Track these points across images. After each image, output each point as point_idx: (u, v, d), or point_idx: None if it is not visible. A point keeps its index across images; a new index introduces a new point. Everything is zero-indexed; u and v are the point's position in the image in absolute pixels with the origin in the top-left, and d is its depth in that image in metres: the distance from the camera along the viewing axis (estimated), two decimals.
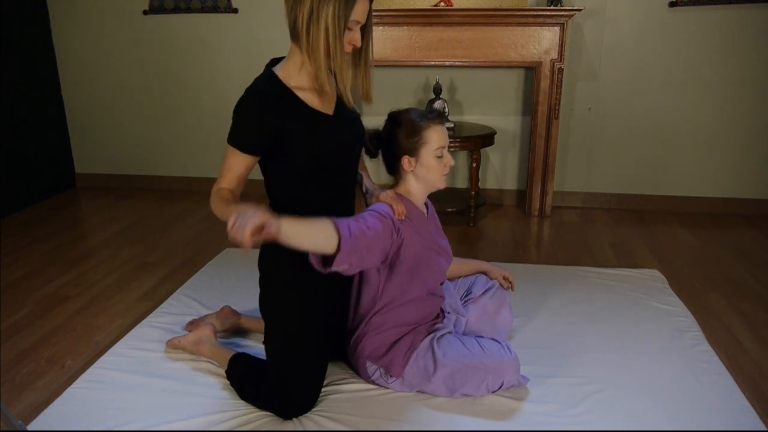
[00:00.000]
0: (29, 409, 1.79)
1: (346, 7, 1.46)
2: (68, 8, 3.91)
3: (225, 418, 1.70)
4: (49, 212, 3.70)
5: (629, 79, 3.52)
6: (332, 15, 1.45)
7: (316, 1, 1.44)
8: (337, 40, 1.48)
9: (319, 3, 1.44)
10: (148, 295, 2.55)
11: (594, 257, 2.96)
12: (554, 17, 3.25)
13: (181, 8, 3.77)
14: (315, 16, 1.46)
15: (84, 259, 2.95)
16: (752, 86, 3.42)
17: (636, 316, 2.30)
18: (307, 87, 1.62)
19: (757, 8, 3.28)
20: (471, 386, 1.72)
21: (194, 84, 3.93)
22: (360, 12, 1.49)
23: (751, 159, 3.54)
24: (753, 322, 2.31)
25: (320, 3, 1.44)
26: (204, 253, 2.97)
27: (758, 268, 2.82)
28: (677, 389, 1.83)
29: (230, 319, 2.14)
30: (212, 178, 1.62)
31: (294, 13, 1.49)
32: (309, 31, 1.48)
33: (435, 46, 3.40)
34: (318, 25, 1.46)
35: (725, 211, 3.63)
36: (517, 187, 3.83)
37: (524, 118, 3.68)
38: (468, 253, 2.98)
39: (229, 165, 1.60)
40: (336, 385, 1.83)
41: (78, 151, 4.23)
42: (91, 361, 2.02)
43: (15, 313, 2.40)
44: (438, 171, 1.71)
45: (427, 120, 1.69)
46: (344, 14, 1.46)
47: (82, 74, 4.04)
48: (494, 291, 2.00)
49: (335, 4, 1.44)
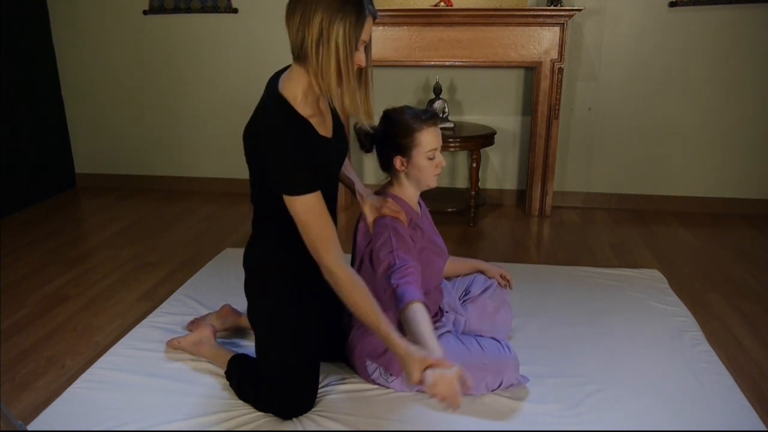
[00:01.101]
0: (29, 409, 1.79)
1: (357, 27, 1.38)
2: (68, 8, 3.91)
3: (225, 418, 1.70)
4: (49, 212, 3.70)
5: (629, 79, 3.52)
6: (343, 35, 1.37)
7: (326, 21, 1.36)
8: (349, 62, 1.40)
9: (330, 23, 1.36)
10: (148, 295, 2.55)
11: (594, 257, 2.96)
12: (554, 17, 3.25)
13: (181, 8, 3.77)
14: (325, 37, 1.38)
15: (84, 259, 2.95)
16: (752, 86, 3.42)
17: (636, 316, 2.30)
18: (313, 113, 1.55)
19: (757, 8, 3.28)
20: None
21: (194, 84, 3.93)
22: (368, 31, 1.43)
23: (751, 159, 3.54)
24: (753, 322, 2.31)
25: (330, 23, 1.36)
26: (204, 253, 2.97)
27: (758, 268, 2.82)
28: (677, 389, 1.83)
29: (230, 318, 2.15)
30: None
31: (301, 34, 1.40)
32: (318, 53, 1.39)
33: (435, 46, 3.40)
34: (328, 46, 1.38)
35: (725, 211, 3.63)
36: (517, 187, 3.83)
37: (524, 118, 3.68)
38: (468, 253, 2.98)
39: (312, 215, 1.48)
40: (336, 385, 1.83)
41: (78, 151, 4.23)
42: (91, 361, 2.02)
43: (15, 313, 2.40)
44: (429, 172, 1.73)
45: (420, 122, 1.70)
46: (355, 35, 1.39)
47: (82, 74, 4.04)
48: (493, 290, 2.00)
49: (346, 24, 1.37)
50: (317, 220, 1.49)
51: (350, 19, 1.37)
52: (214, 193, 3.99)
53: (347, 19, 1.37)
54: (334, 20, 1.37)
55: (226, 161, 3.98)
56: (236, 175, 3.96)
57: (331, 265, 1.48)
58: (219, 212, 3.66)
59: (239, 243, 3.08)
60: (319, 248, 1.49)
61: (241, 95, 3.84)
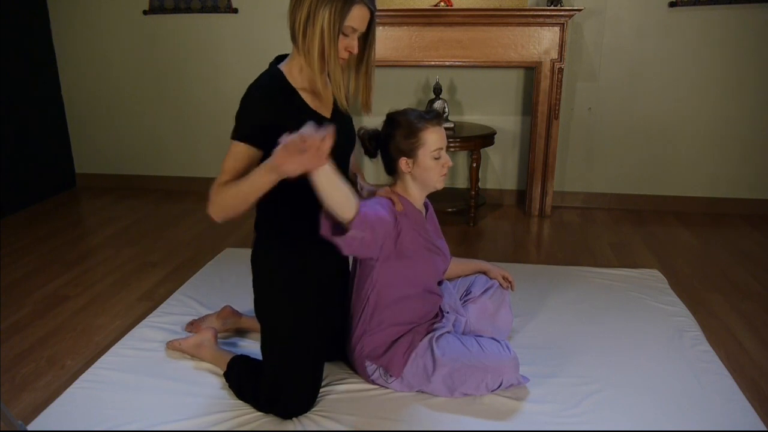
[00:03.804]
0: (29, 409, 1.79)
1: (342, 12, 1.49)
2: (68, 8, 3.91)
3: (225, 418, 1.70)
4: (49, 212, 3.71)
5: (629, 79, 3.52)
6: (327, 19, 1.48)
7: (314, 4, 1.48)
8: (332, 44, 1.51)
9: (316, 6, 1.48)
10: (148, 295, 2.55)
11: (594, 257, 2.96)
12: (554, 17, 3.26)
13: (181, 8, 3.77)
14: (311, 20, 1.49)
15: (84, 259, 2.95)
16: (752, 86, 3.42)
17: (636, 316, 2.29)
18: (307, 88, 1.64)
19: (757, 8, 3.29)
20: (470, 385, 1.72)
21: (194, 84, 3.93)
22: (356, 19, 1.52)
23: (751, 159, 3.54)
24: (753, 322, 2.31)
25: (317, 7, 1.48)
26: (204, 253, 2.97)
27: (758, 268, 2.82)
28: (677, 389, 1.83)
29: (231, 318, 2.15)
30: (212, 178, 1.58)
31: (294, 15, 1.53)
32: (305, 34, 1.52)
33: (435, 46, 3.41)
34: (313, 29, 1.50)
35: (725, 211, 3.63)
36: (517, 187, 3.83)
37: (524, 118, 3.68)
38: (468, 253, 2.98)
39: (230, 159, 1.57)
40: (336, 385, 1.83)
41: (78, 151, 4.24)
42: (91, 361, 2.01)
43: (15, 313, 2.40)
44: (436, 172, 1.72)
45: (424, 121, 1.70)
46: (339, 19, 1.49)
47: (82, 74, 4.04)
48: (494, 291, 2.00)
49: (331, 8, 1.47)
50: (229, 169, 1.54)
51: (337, 4, 1.48)
52: None
53: (334, 3, 1.47)
54: (322, 4, 1.47)
55: None
56: None
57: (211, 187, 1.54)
58: None
59: (239, 243, 3.08)
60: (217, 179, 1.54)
61: (241, 95, 3.83)
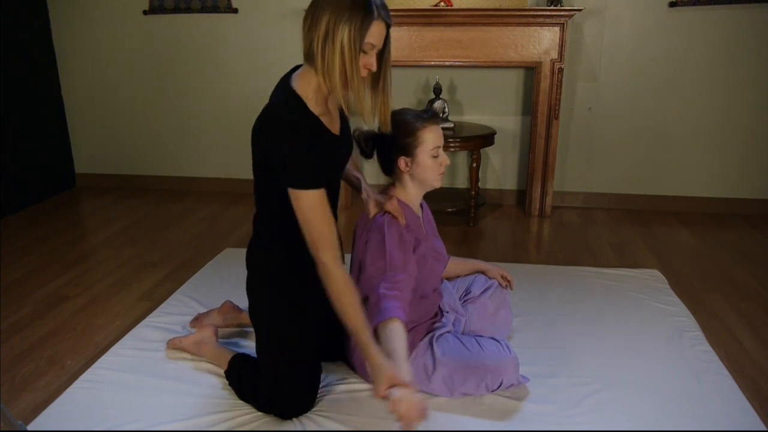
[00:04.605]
0: (29, 409, 1.79)
1: (362, 29, 1.44)
2: (68, 8, 3.91)
3: (225, 418, 1.70)
4: (49, 212, 3.70)
5: (629, 79, 3.52)
6: (348, 36, 1.43)
7: (332, 22, 1.43)
8: (353, 62, 1.46)
9: (335, 24, 1.43)
10: (148, 295, 2.55)
11: (594, 257, 2.96)
12: (554, 17, 3.25)
13: (181, 8, 3.77)
14: (330, 38, 1.44)
15: (84, 259, 2.95)
16: (752, 86, 3.42)
17: (636, 316, 2.30)
18: (323, 111, 1.60)
19: (757, 8, 3.29)
20: (470, 385, 1.72)
21: (194, 84, 3.93)
22: (375, 35, 1.48)
23: (751, 159, 3.54)
24: (753, 322, 2.31)
25: (336, 24, 1.43)
26: (204, 253, 2.97)
27: (758, 268, 2.82)
28: (677, 389, 1.83)
29: (231, 314, 2.15)
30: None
31: (310, 34, 1.48)
32: (324, 53, 1.46)
33: (435, 46, 3.41)
34: (333, 47, 1.45)
35: (725, 211, 3.63)
36: (517, 187, 3.83)
37: (524, 118, 3.68)
38: (468, 253, 2.98)
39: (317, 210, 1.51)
40: (336, 385, 1.83)
41: (78, 151, 4.24)
42: (91, 361, 2.01)
43: (15, 313, 2.40)
44: (434, 170, 1.73)
45: (422, 120, 1.70)
46: (360, 36, 1.45)
47: (82, 74, 4.04)
48: (493, 290, 2.00)
49: (351, 26, 1.43)
50: (319, 216, 1.52)
51: (356, 21, 1.43)
52: (214, 193, 3.99)
53: (353, 20, 1.43)
54: (340, 21, 1.42)
55: (226, 161, 3.98)
56: (236, 175, 3.96)
57: (328, 262, 1.51)
58: (219, 212, 3.66)
59: (239, 243, 3.08)
60: (319, 245, 1.51)
61: (241, 95, 3.84)
